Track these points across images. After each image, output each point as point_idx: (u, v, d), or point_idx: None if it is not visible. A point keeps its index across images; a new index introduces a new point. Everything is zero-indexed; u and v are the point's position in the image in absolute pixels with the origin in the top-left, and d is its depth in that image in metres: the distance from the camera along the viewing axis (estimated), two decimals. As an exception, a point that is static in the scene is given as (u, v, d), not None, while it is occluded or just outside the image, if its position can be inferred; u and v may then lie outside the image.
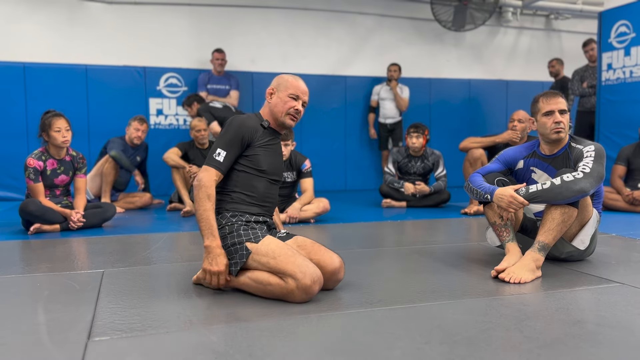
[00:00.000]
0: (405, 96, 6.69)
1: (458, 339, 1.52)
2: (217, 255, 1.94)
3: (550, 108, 2.45)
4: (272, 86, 2.18)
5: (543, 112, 2.46)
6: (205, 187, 1.98)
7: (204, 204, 1.97)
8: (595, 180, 2.24)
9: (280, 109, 2.13)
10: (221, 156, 2.03)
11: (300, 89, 2.15)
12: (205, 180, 1.99)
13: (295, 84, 2.15)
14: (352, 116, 7.15)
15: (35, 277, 2.33)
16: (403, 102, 6.66)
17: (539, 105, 2.49)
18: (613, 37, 5.60)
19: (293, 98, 2.13)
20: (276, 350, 1.44)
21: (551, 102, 2.46)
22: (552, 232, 2.27)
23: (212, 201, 1.98)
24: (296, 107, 2.13)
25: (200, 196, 1.97)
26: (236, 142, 2.05)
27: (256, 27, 6.83)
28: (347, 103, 7.11)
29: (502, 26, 7.94)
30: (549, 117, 2.45)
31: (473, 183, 2.49)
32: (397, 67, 6.69)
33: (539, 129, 2.51)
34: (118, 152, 4.75)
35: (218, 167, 2.03)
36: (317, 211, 4.09)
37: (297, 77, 2.19)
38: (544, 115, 2.46)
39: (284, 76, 2.19)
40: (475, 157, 4.39)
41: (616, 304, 1.87)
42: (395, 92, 6.64)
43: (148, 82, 6.32)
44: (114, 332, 1.60)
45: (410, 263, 2.59)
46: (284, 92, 2.14)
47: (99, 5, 6.27)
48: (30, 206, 3.49)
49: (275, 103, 2.15)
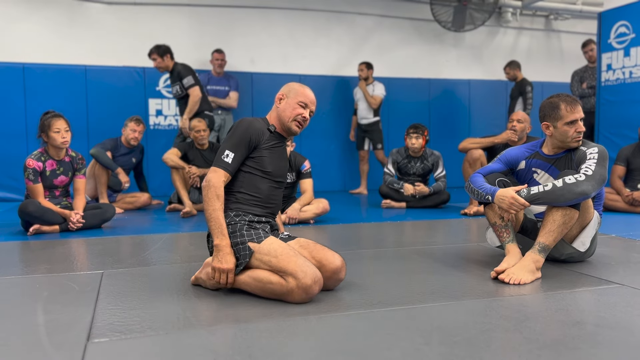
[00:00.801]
0: (377, 94, 6.37)
1: (458, 340, 1.52)
2: (226, 254, 1.97)
3: (575, 117, 2.40)
4: (283, 92, 2.22)
5: (567, 120, 2.40)
6: (214, 187, 2.01)
7: (213, 203, 1.99)
8: (597, 183, 2.23)
9: (289, 115, 2.17)
10: (229, 157, 2.07)
11: (310, 98, 2.21)
12: (214, 180, 2.02)
13: (306, 93, 2.21)
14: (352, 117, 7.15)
15: (34, 278, 2.33)
16: (373, 101, 6.36)
17: (562, 113, 2.42)
18: (613, 38, 5.60)
19: (302, 106, 2.18)
20: (276, 351, 1.44)
21: (575, 110, 2.41)
22: (553, 234, 2.26)
23: (221, 201, 2.01)
24: (304, 115, 2.18)
25: (210, 196, 2.00)
26: (243, 143, 2.09)
27: (256, 27, 6.83)
28: (347, 103, 7.11)
29: (501, 26, 7.95)
30: (571, 126, 2.41)
31: (474, 183, 2.48)
32: (364, 66, 6.39)
33: (558, 135, 2.45)
34: (96, 150, 4.74)
35: (226, 168, 2.07)
36: (316, 212, 4.09)
37: (306, 86, 2.24)
38: (566, 124, 2.41)
39: (294, 84, 2.24)
40: (474, 157, 4.39)
41: (616, 305, 1.87)
42: (364, 91, 6.37)
43: (147, 83, 6.33)
44: (113, 333, 1.60)
45: (410, 264, 2.59)
46: (293, 99, 2.18)
47: (98, 6, 6.27)
48: (29, 207, 3.49)
49: (284, 108, 2.19)
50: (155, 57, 5.15)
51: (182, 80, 5.14)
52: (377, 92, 6.40)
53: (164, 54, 5.16)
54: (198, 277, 2.14)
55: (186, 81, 5.13)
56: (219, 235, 1.98)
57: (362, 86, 6.42)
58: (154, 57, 5.17)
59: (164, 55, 5.15)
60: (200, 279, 2.12)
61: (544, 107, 2.51)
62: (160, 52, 5.14)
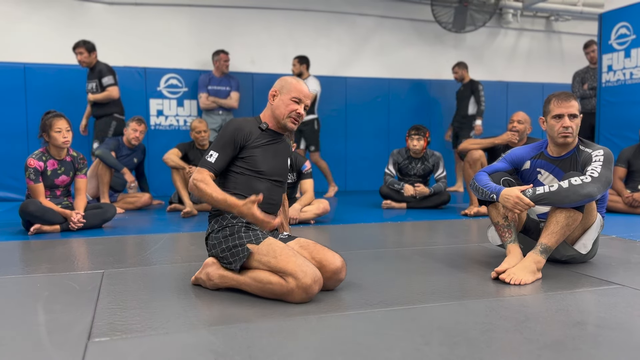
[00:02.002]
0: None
1: (458, 340, 1.52)
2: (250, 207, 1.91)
3: (561, 112, 2.41)
4: (275, 88, 2.20)
5: (553, 114, 2.43)
6: (197, 180, 2.04)
7: (205, 190, 2.01)
8: (603, 185, 2.22)
9: (282, 112, 2.16)
10: (213, 157, 2.09)
11: (303, 92, 2.18)
12: (196, 177, 2.05)
13: (298, 87, 2.17)
14: (352, 117, 7.15)
15: (35, 277, 2.33)
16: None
17: (550, 107, 2.45)
18: (613, 39, 5.60)
19: (295, 101, 2.16)
20: (276, 351, 1.44)
21: (562, 105, 2.41)
22: (555, 235, 2.26)
23: (211, 184, 2.03)
24: (298, 111, 2.16)
25: (200, 188, 2.02)
26: (228, 143, 2.11)
27: (256, 28, 6.83)
28: (347, 104, 7.11)
29: (502, 27, 7.95)
30: (557, 121, 2.42)
31: (479, 182, 2.48)
32: (297, 61, 6.05)
33: (548, 130, 2.48)
34: (102, 151, 4.75)
35: (209, 168, 2.09)
36: (317, 212, 4.09)
37: (299, 80, 2.21)
38: (553, 117, 2.43)
39: (287, 79, 2.21)
40: (474, 158, 4.39)
41: (616, 306, 1.87)
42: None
43: (148, 83, 6.33)
44: (113, 333, 1.60)
45: (410, 264, 2.59)
46: (286, 95, 2.16)
47: (99, 6, 6.28)
48: (30, 207, 3.49)
49: (277, 105, 2.17)
50: (82, 51, 5.17)
51: (102, 78, 5.23)
52: (311, 88, 5.92)
53: (92, 50, 5.21)
54: (198, 277, 2.13)
55: (106, 80, 5.21)
56: (233, 204, 1.94)
57: None
58: (80, 50, 5.18)
59: (91, 51, 5.20)
60: (200, 279, 2.11)
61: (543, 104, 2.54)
62: (88, 47, 5.18)
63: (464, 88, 6.63)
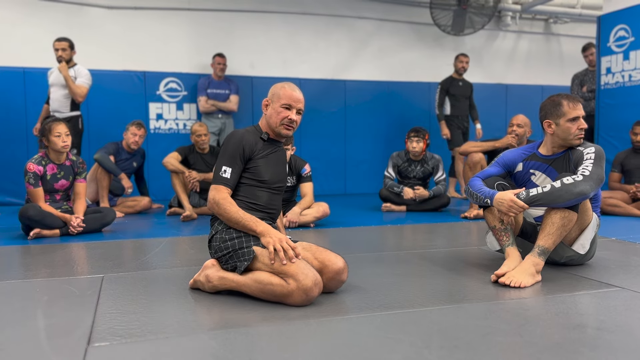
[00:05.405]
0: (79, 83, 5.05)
1: (458, 344, 1.52)
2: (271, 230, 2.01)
3: (577, 114, 2.43)
4: (268, 97, 2.22)
5: (569, 117, 2.43)
6: (222, 199, 2.07)
7: (229, 210, 2.05)
8: (595, 183, 2.24)
9: (275, 120, 2.18)
10: (227, 173, 2.11)
11: (293, 97, 2.17)
12: (218, 196, 2.08)
13: (288, 93, 2.17)
14: (352, 120, 7.16)
15: (34, 282, 2.33)
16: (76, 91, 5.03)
17: (564, 110, 2.44)
18: (612, 41, 5.62)
19: (286, 108, 2.17)
20: (276, 355, 1.44)
21: (577, 107, 2.45)
22: (552, 237, 2.27)
23: (234, 204, 2.07)
24: (290, 117, 2.16)
25: (224, 207, 2.06)
26: (237, 156, 2.13)
27: (256, 31, 6.84)
28: (346, 107, 7.12)
29: (501, 30, 7.97)
30: (574, 123, 2.43)
31: (473, 187, 2.49)
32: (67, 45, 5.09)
33: (560, 133, 2.47)
34: (100, 155, 4.74)
35: (226, 184, 2.11)
36: (317, 215, 4.09)
37: (291, 84, 2.21)
38: (569, 120, 2.43)
39: (278, 85, 2.22)
40: (474, 161, 4.40)
41: (616, 308, 1.87)
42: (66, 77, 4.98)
43: (148, 87, 6.34)
44: (113, 337, 1.60)
45: (410, 267, 2.59)
46: (277, 103, 2.17)
47: (98, 11, 6.29)
48: (29, 211, 3.49)
49: (270, 114, 2.19)
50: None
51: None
52: (78, 81, 5.02)
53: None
54: (197, 279, 2.14)
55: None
56: (256, 223, 2.02)
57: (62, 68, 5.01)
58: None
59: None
60: (199, 281, 2.12)
61: (545, 106, 2.53)
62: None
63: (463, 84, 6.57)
